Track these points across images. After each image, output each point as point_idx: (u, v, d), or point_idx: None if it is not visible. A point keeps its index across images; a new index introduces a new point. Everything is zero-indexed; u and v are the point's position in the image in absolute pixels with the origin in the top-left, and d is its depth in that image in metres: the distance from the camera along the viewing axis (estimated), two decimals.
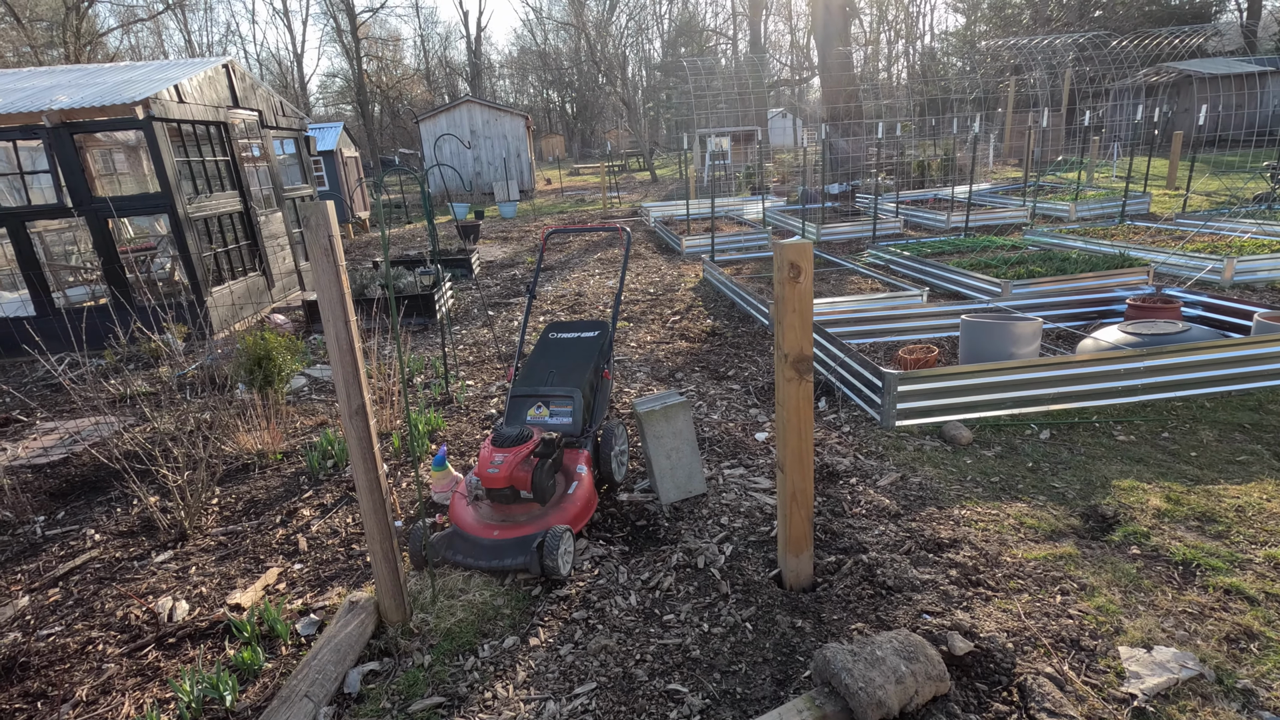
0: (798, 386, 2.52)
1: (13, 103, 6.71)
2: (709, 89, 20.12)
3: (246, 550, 3.23)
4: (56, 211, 6.76)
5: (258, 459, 4.14)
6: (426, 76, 47.03)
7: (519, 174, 23.21)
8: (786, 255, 2.37)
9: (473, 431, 4.42)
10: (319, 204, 2.15)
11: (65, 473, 4.18)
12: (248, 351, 4.36)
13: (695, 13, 46.02)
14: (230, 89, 8.28)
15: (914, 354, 4.49)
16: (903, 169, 15.86)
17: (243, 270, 8.18)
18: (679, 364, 5.47)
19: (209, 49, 43.47)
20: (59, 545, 3.40)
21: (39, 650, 2.61)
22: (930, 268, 7.20)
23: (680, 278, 8.74)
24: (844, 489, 3.33)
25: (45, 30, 32.45)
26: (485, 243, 13.50)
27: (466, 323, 7.39)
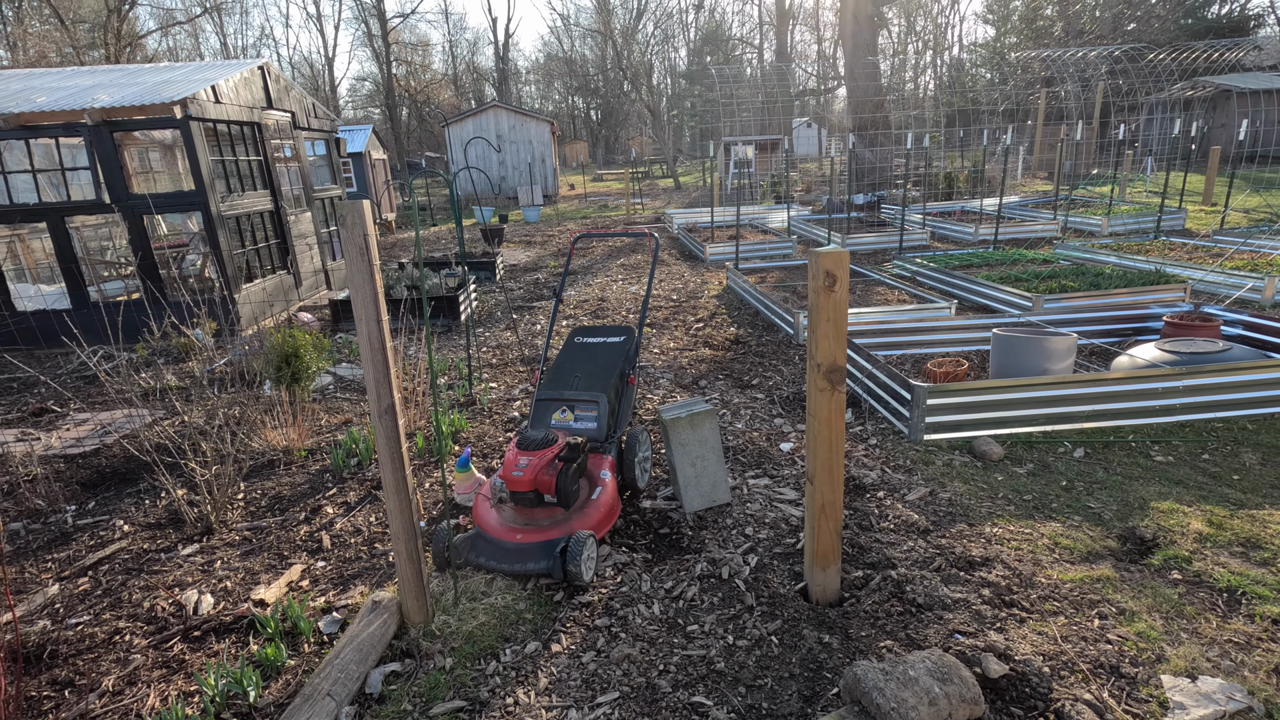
0: (830, 397, 2.48)
1: (56, 101, 6.88)
2: (734, 97, 20.12)
3: (271, 546, 3.25)
4: (95, 207, 6.91)
5: (283, 455, 4.18)
6: (454, 81, 47.59)
7: (543, 179, 23.35)
8: (823, 264, 2.34)
9: (495, 434, 4.42)
10: (355, 203, 2.16)
11: (96, 463, 4.24)
12: (276, 349, 4.40)
13: (721, 22, 46.08)
14: (265, 90, 8.42)
15: (943, 367, 4.42)
16: (930, 180, 15.71)
17: (271, 268, 8.29)
18: (702, 371, 5.43)
19: (244, 51, 44.40)
20: (89, 535, 3.44)
21: (68, 639, 2.64)
22: (958, 280, 7.10)
23: (704, 285, 8.71)
24: (871, 502, 3.27)
25: (87, 31, 33.37)
26: (509, 246, 13.57)
27: (490, 325, 7.42)
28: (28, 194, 7.18)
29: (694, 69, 45.06)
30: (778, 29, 33.96)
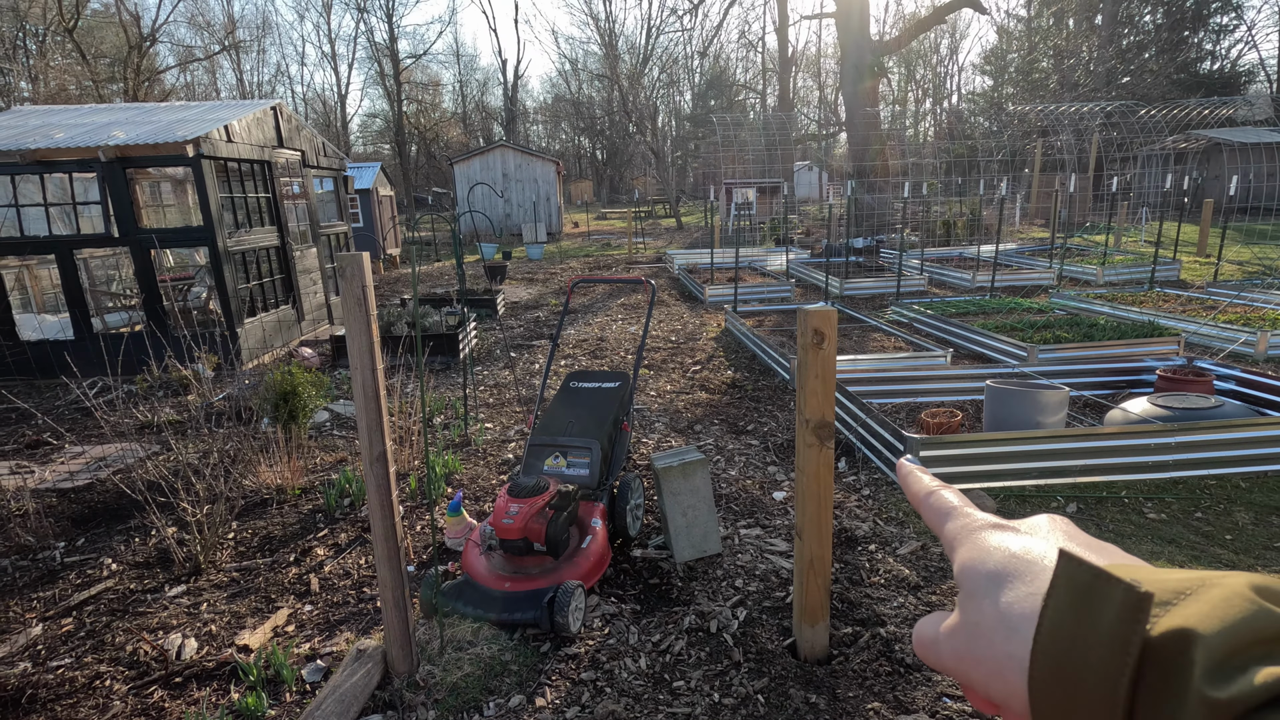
0: (818, 453, 2.50)
1: (73, 137, 7.06)
2: (736, 141, 20.55)
3: (259, 588, 3.23)
4: (104, 241, 7.03)
5: (276, 494, 4.17)
6: (463, 120, 48.65)
7: (547, 217, 23.70)
8: (811, 321, 2.38)
9: (489, 476, 4.42)
10: (355, 255, 2.21)
11: (89, 498, 4.24)
12: (275, 387, 4.44)
13: (726, 68, 47.29)
14: (276, 129, 8.63)
15: (937, 417, 4.44)
16: (928, 226, 15.94)
17: (275, 303, 8.38)
18: (698, 415, 5.45)
19: (259, 87, 45.51)
20: (76, 573, 3.43)
21: (47, 682, 2.61)
22: (955, 328, 7.16)
23: (702, 326, 8.78)
24: (862, 555, 3.26)
25: (107, 66, 34.27)
26: (511, 283, 13.71)
27: (488, 363, 7.46)
28: (38, 226, 7.32)
29: (698, 112, 46.08)
30: (780, 76, 34.85)
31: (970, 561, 0.35)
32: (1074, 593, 0.26)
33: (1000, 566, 0.33)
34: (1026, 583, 0.31)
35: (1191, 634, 0.23)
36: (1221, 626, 0.23)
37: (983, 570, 0.34)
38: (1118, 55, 27.38)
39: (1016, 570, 0.32)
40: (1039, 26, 33.11)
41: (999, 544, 0.35)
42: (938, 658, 0.36)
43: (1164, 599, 0.25)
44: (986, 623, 0.32)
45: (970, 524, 0.38)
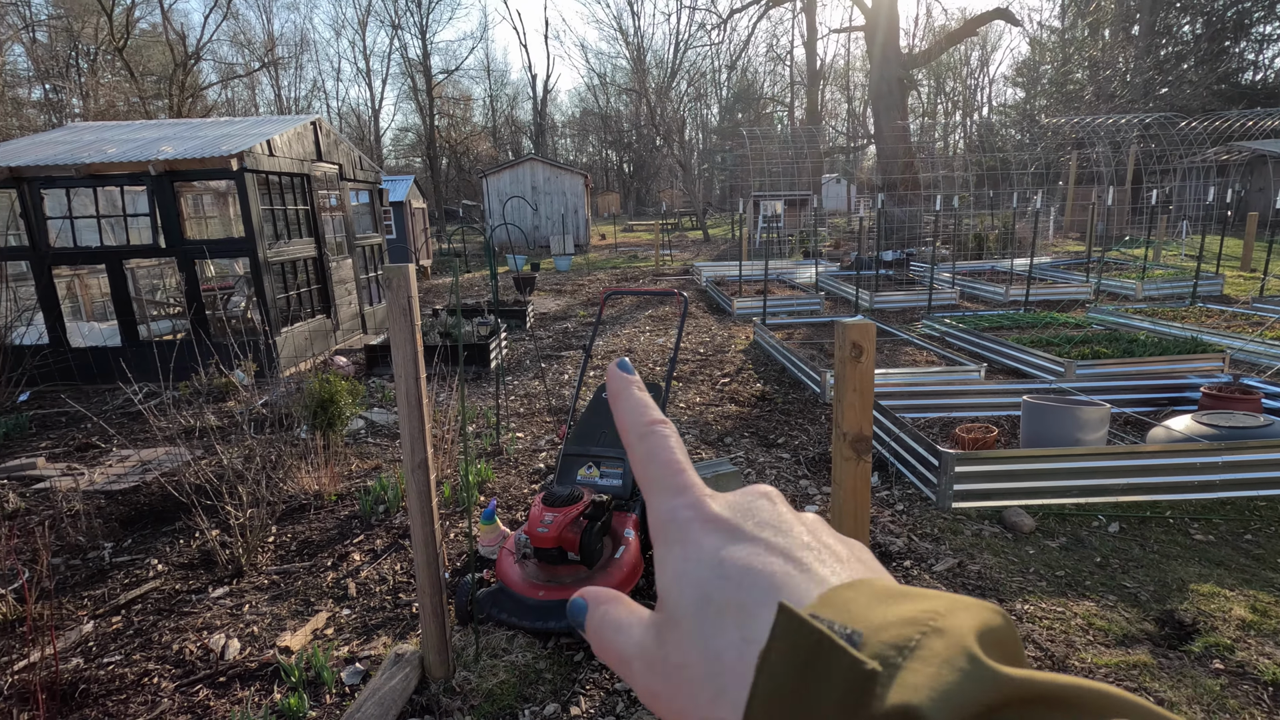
0: (855, 466, 2.49)
1: (125, 152, 7.33)
2: (764, 154, 20.56)
3: (298, 591, 3.30)
4: (151, 251, 7.27)
5: (314, 500, 4.26)
6: (493, 134, 49.42)
7: (575, 229, 23.92)
8: (849, 334, 2.38)
9: (521, 485, 4.47)
10: (401, 268, 2.27)
11: (135, 500, 4.37)
12: (313, 394, 4.54)
13: (754, 81, 47.42)
14: (315, 144, 8.87)
15: (972, 433, 4.38)
16: (959, 239, 15.75)
17: (311, 312, 8.58)
18: (728, 428, 5.44)
19: (296, 102, 46.78)
20: (124, 573, 3.53)
21: (99, 678, 2.69)
22: (988, 342, 7.06)
23: (730, 339, 8.77)
24: (898, 572, 3.22)
25: (154, 84, 35.56)
26: (539, 294, 13.85)
27: (519, 373, 7.54)
28: (90, 237, 7.60)
29: (725, 125, 46.23)
30: (808, 89, 34.84)
31: (681, 577, 0.27)
32: (793, 659, 0.22)
33: (715, 590, 0.26)
34: (742, 622, 0.25)
35: (916, 714, 0.20)
36: (944, 702, 0.20)
37: (695, 594, 0.27)
38: (1155, 66, 26.87)
39: (733, 599, 0.26)
40: (1073, 38, 32.67)
41: (716, 555, 0.27)
42: (627, 676, 0.29)
43: (887, 658, 0.21)
44: (691, 671, 0.25)
45: (687, 509, 0.29)
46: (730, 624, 0.25)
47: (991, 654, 0.22)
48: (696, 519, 0.29)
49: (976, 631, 0.22)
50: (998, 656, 0.22)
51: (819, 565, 0.27)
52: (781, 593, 0.25)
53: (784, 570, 0.26)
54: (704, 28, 40.44)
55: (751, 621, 0.24)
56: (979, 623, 0.23)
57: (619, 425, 0.34)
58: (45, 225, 7.20)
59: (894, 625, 0.22)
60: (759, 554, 0.27)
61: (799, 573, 0.26)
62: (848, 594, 0.24)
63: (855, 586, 0.25)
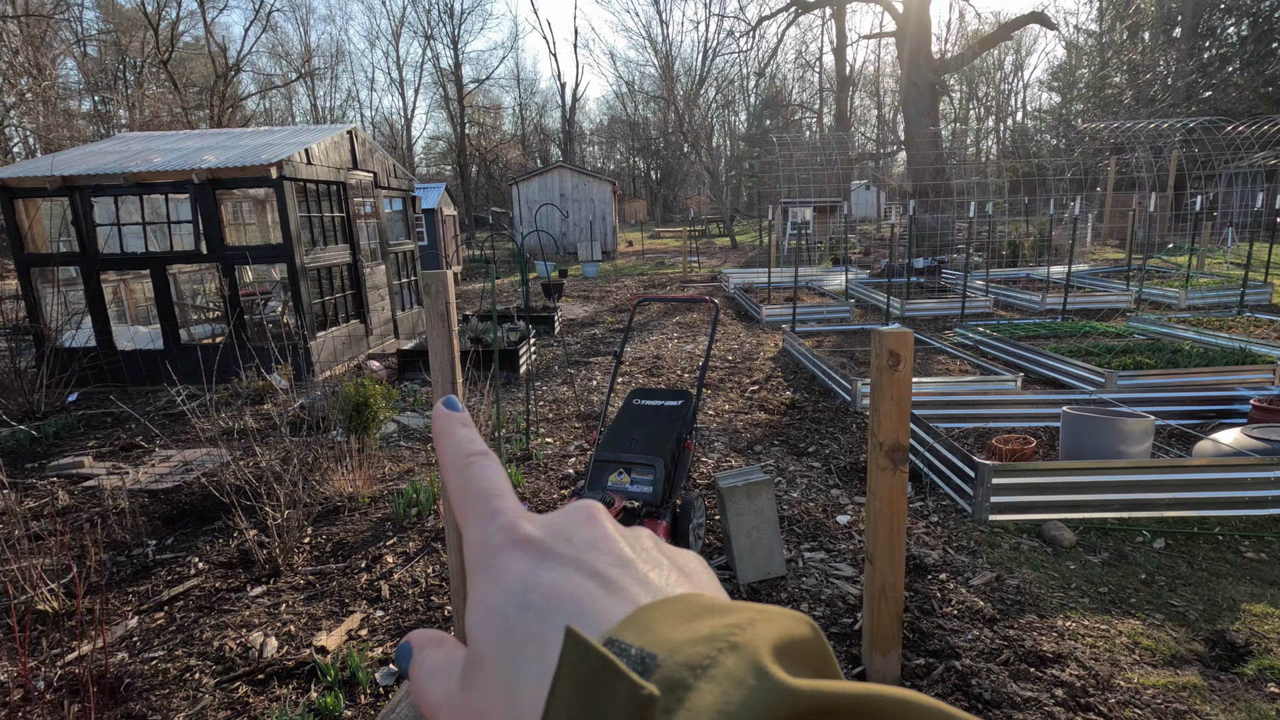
0: (892, 476, 2.45)
1: (169, 161, 7.57)
2: (792, 161, 20.46)
3: (333, 592, 3.35)
4: (193, 257, 7.48)
5: (348, 502, 4.33)
6: (522, 141, 49.96)
7: (603, 236, 24.04)
8: (886, 343, 2.35)
9: (551, 490, 4.48)
10: (440, 274, 2.31)
11: (177, 499, 4.48)
12: (348, 398, 4.62)
13: (782, 87, 47.27)
14: (351, 152, 9.06)
15: (1009, 444, 4.29)
16: (993, 246, 15.48)
17: (345, 317, 8.74)
18: (757, 436, 5.41)
19: (331, 112, 47.85)
20: (167, 570, 3.63)
21: (142, 673, 2.76)
22: (1024, 351, 6.91)
23: (759, 346, 8.72)
24: (933, 585, 3.17)
25: (196, 94, 36.69)
26: (567, 301, 13.93)
27: (547, 379, 7.58)
28: (135, 243, 7.85)
29: (753, 132, 46.13)
30: (838, 95, 34.60)
31: (485, 609, 0.25)
32: (579, 688, 0.21)
33: (517, 622, 0.24)
34: (541, 654, 0.23)
35: None
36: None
37: (496, 627, 0.25)
38: (1199, 69, 26.16)
39: (534, 631, 0.24)
40: (1111, 41, 31.99)
41: (523, 582, 0.26)
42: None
43: (680, 679, 0.20)
44: (493, 710, 0.23)
45: (499, 532, 0.28)
46: (531, 657, 0.23)
47: (792, 666, 0.21)
48: (507, 542, 0.27)
49: (774, 644, 0.22)
50: (800, 669, 0.21)
51: (630, 583, 0.25)
52: (582, 617, 0.24)
53: (590, 592, 0.25)
54: (732, 35, 40.45)
55: (549, 654, 0.23)
56: (779, 634, 0.22)
57: (440, 462, 0.32)
58: (95, 232, 7.45)
59: (691, 644, 0.21)
60: (567, 576, 0.25)
61: (606, 594, 0.25)
62: (655, 613, 0.23)
63: (665, 604, 0.24)
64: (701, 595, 0.25)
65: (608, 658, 0.21)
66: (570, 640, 0.21)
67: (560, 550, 0.26)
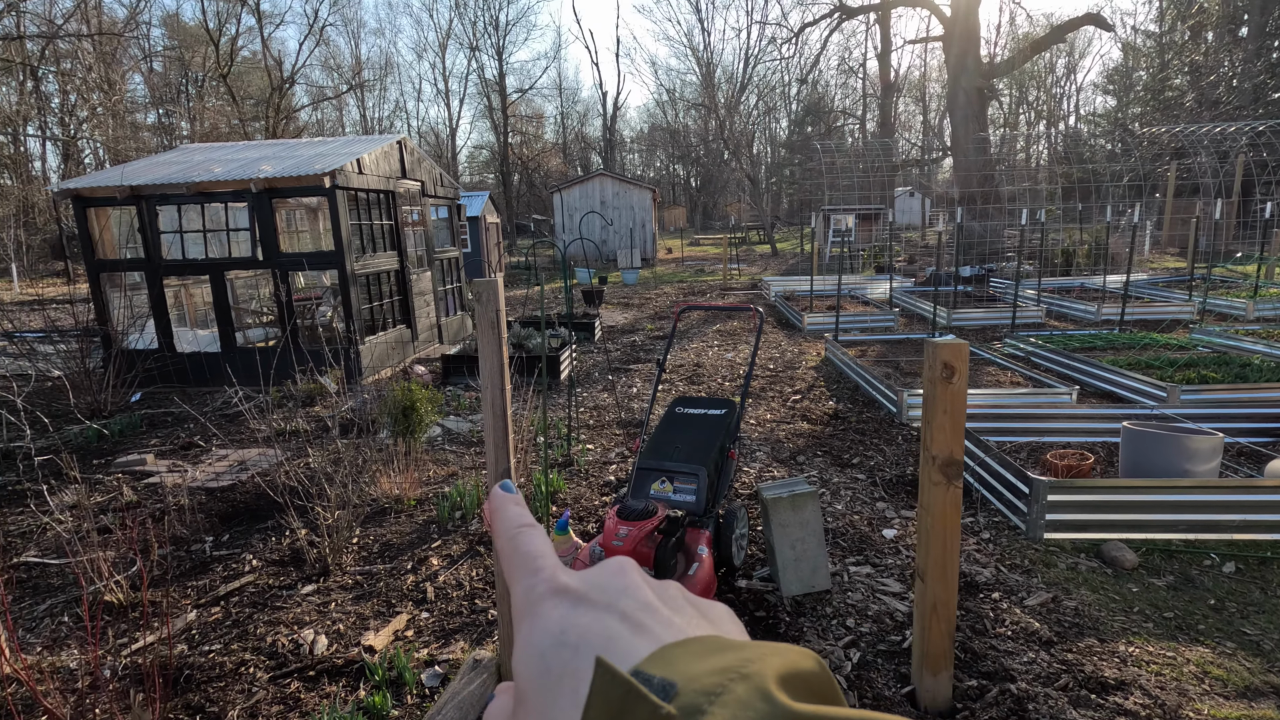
0: (945, 491, 2.39)
1: (229, 171, 7.87)
2: (835, 167, 20.22)
3: (380, 592, 3.41)
4: (250, 263, 7.76)
5: (394, 504, 4.42)
6: (563, 150, 50.53)
7: (642, 243, 24.11)
8: (940, 354, 2.30)
9: (592, 496, 4.50)
10: (491, 281, 2.34)
11: (233, 498, 4.64)
12: (396, 402, 4.72)
13: (824, 94, 46.80)
14: (400, 162, 9.29)
15: (1065, 460, 4.14)
16: (1045, 254, 15.02)
17: (392, 322, 8.94)
18: (799, 446, 5.34)
19: (379, 122, 49.17)
20: (223, 566, 3.75)
21: (200, 665, 2.86)
22: (1079, 363, 6.68)
23: (801, 355, 8.62)
24: (985, 604, 3.07)
25: (252, 107, 38.13)
26: (607, 308, 14.00)
27: (587, 385, 7.63)
28: (196, 250, 8.18)
29: (795, 139, 45.76)
30: (882, 101, 34.10)
31: (527, 649, 0.28)
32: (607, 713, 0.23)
33: (554, 659, 0.27)
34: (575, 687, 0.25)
35: None
36: None
37: (537, 664, 0.27)
38: (1267, 69, 24.99)
39: (569, 666, 0.26)
40: (1172, 42, 30.81)
41: (560, 624, 0.28)
42: None
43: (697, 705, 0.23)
44: None
45: (541, 584, 0.30)
46: (566, 690, 0.26)
47: (798, 695, 0.23)
48: (548, 591, 0.30)
49: (779, 674, 0.24)
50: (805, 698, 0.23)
51: (656, 625, 0.28)
52: (612, 653, 0.26)
53: (619, 633, 0.27)
54: (774, 42, 40.26)
55: (583, 686, 0.25)
56: (784, 666, 0.25)
57: (494, 531, 0.36)
58: (159, 239, 7.79)
59: (707, 675, 0.24)
60: (600, 619, 0.28)
61: (634, 634, 0.27)
62: (676, 651, 0.26)
63: (686, 644, 0.27)
64: (719, 636, 0.28)
65: (633, 684, 0.23)
66: (600, 669, 0.24)
67: (594, 597, 0.29)
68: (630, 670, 0.25)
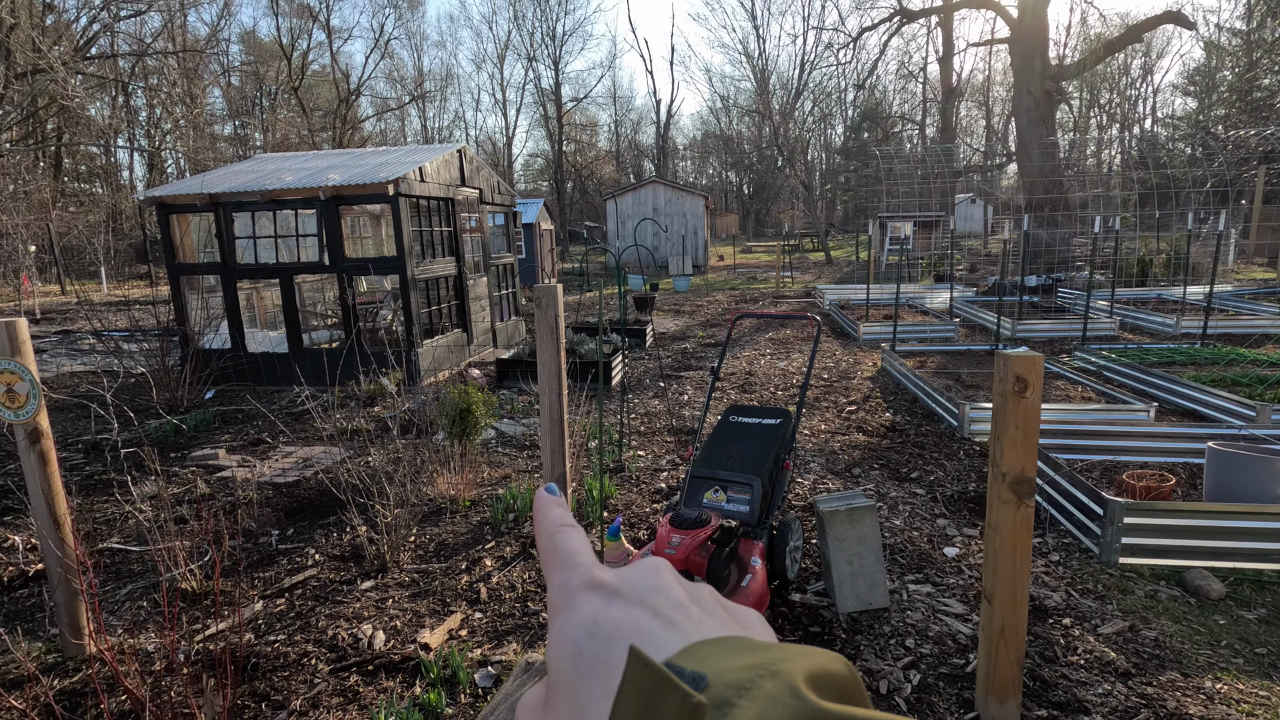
0: (1016, 510, 2.29)
1: (300, 179, 8.22)
2: (893, 173, 19.77)
3: (435, 591, 3.48)
4: (317, 268, 8.07)
5: (449, 504, 4.50)
6: (616, 157, 50.97)
7: (694, 250, 24.07)
8: (1013, 367, 2.21)
9: (643, 503, 4.49)
10: (551, 288, 2.36)
11: (297, 493, 4.81)
12: (453, 404, 4.82)
13: (882, 99, 45.88)
14: (460, 170, 9.52)
15: (1143, 480, 3.92)
16: (1119, 264, 14.32)
17: (449, 326, 9.15)
18: (855, 458, 5.21)
19: (439, 132, 50.62)
20: (287, 559, 3.89)
21: (266, 654, 2.96)
22: (1157, 379, 6.33)
23: (856, 365, 8.43)
24: (1055, 630, 2.92)
25: (320, 118, 39.79)
26: (658, 314, 14.01)
27: (638, 392, 7.63)
28: (267, 255, 8.56)
29: (851, 145, 44.99)
30: (942, 105, 33.23)
31: (560, 639, 0.29)
32: (640, 701, 0.23)
33: (587, 649, 0.28)
34: (607, 677, 0.26)
35: None
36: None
37: (570, 654, 0.28)
38: None
39: (601, 656, 0.27)
40: (1261, 39, 29.05)
41: (594, 616, 0.29)
42: None
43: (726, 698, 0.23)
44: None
45: (577, 578, 0.31)
46: (598, 680, 0.26)
47: (825, 695, 0.24)
48: (583, 585, 0.31)
49: (807, 674, 0.25)
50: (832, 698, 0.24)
51: (688, 623, 0.29)
52: (643, 646, 0.26)
53: (652, 628, 0.28)
54: (830, 48, 39.69)
55: (614, 676, 0.26)
56: (813, 666, 0.25)
57: (536, 530, 0.37)
58: (234, 244, 8.18)
59: (737, 670, 0.24)
60: (633, 613, 0.29)
61: (665, 630, 0.28)
62: (709, 648, 0.27)
63: (716, 642, 0.27)
64: (749, 638, 0.28)
65: (665, 673, 0.24)
66: (634, 657, 0.25)
67: (628, 593, 0.30)
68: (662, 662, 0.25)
